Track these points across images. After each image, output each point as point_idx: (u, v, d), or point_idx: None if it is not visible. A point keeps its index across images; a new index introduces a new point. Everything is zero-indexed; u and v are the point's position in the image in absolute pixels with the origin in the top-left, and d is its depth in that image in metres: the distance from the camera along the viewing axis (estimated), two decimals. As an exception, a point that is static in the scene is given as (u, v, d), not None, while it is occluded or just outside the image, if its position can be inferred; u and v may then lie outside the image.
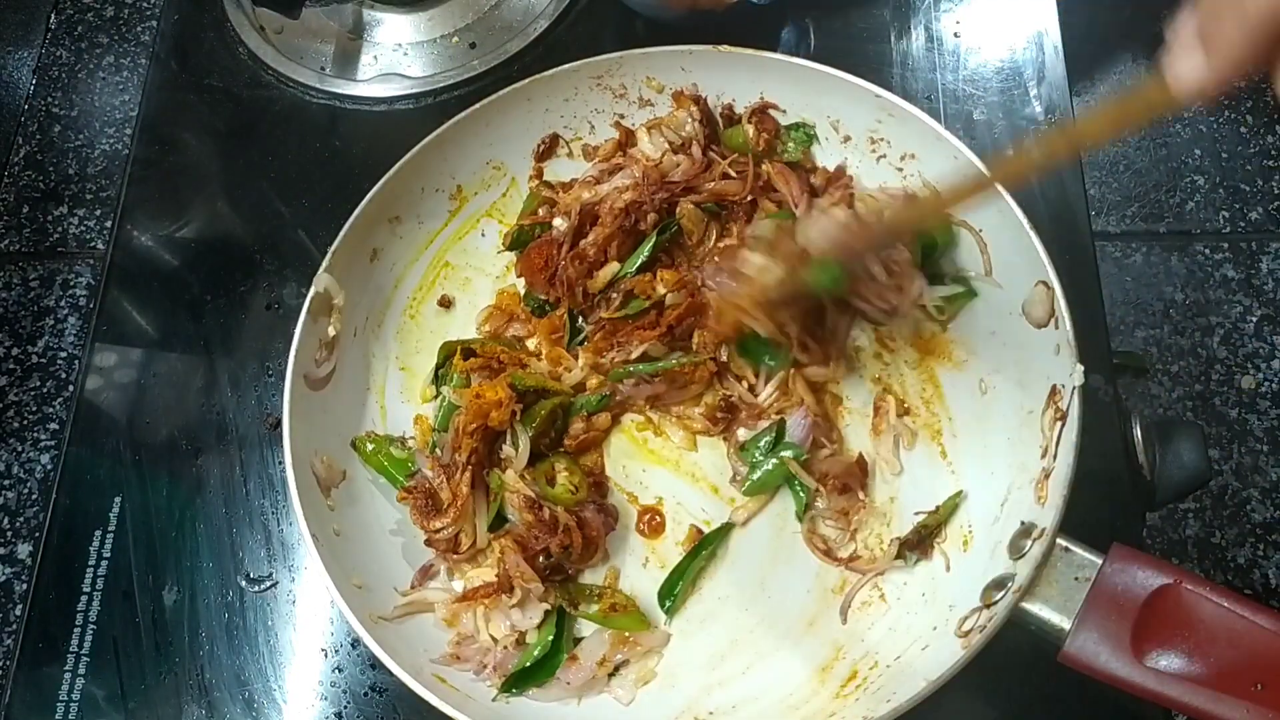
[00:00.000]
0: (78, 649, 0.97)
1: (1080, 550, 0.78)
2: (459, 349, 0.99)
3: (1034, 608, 0.77)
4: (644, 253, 0.99)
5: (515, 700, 0.88)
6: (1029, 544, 0.81)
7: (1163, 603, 0.75)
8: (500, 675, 0.88)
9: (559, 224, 1.02)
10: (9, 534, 1.12)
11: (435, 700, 0.82)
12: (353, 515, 0.95)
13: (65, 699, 0.95)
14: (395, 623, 0.90)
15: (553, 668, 0.88)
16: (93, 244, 1.25)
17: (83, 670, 0.96)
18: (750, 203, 1.01)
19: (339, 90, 1.22)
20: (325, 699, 0.94)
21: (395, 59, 1.25)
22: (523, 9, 1.25)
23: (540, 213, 1.06)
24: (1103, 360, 0.97)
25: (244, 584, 0.99)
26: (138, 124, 1.24)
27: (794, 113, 1.05)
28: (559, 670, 0.88)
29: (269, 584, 0.99)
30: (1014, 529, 0.84)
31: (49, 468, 1.13)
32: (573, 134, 1.10)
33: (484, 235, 1.10)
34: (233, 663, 0.96)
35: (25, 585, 1.05)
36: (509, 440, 0.93)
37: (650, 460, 0.99)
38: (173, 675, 0.96)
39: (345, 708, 0.93)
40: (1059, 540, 0.78)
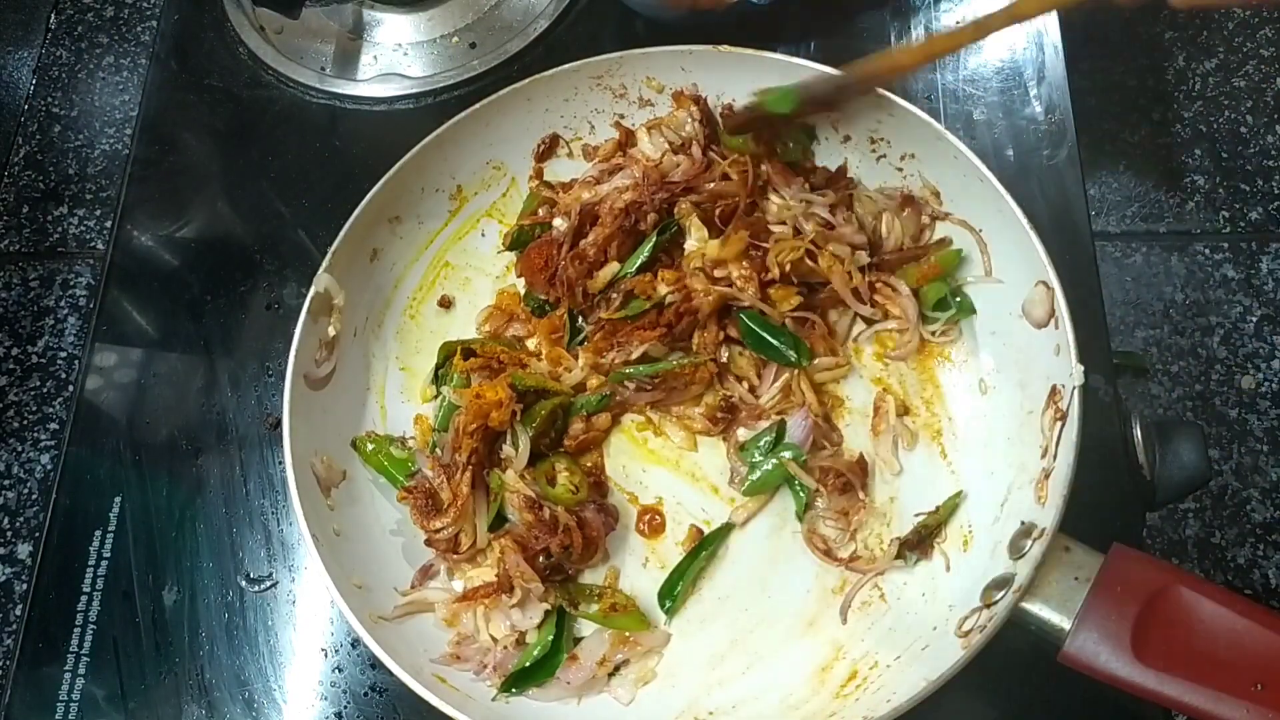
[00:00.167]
0: (78, 649, 0.97)
1: (1080, 550, 0.78)
2: (459, 349, 0.99)
3: (1034, 608, 0.77)
4: (644, 253, 0.99)
5: (515, 700, 0.88)
6: (1029, 544, 0.81)
7: (1163, 603, 0.75)
8: (500, 675, 0.88)
9: (559, 224, 1.02)
10: (9, 534, 1.12)
11: (435, 700, 0.82)
12: (353, 515, 0.95)
13: (65, 699, 0.95)
14: (395, 623, 0.90)
15: (553, 668, 0.88)
16: (93, 244, 1.25)
17: (83, 670, 0.96)
18: (750, 204, 1.01)
19: (339, 90, 1.22)
20: (325, 699, 0.94)
21: (395, 59, 1.25)
22: (523, 9, 1.25)
23: (540, 213, 1.05)
24: (1103, 360, 0.97)
25: (244, 584, 0.99)
26: (138, 124, 1.24)
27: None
28: (559, 670, 0.89)
29: (269, 584, 0.99)
30: (1014, 529, 0.84)
31: (49, 468, 1.13)
32: (573, 134, 1.10)
33: (484, 235, 1.10)
34: (233, 663, 0.96)
35: (25, 585, 1.05)
36: (509, 440, 0.93)
37: (650, 460, 0.99)
38: (173, 675, 0.96)
39: (345, 708, 0.93)
40: (1059, 540, 0.79)
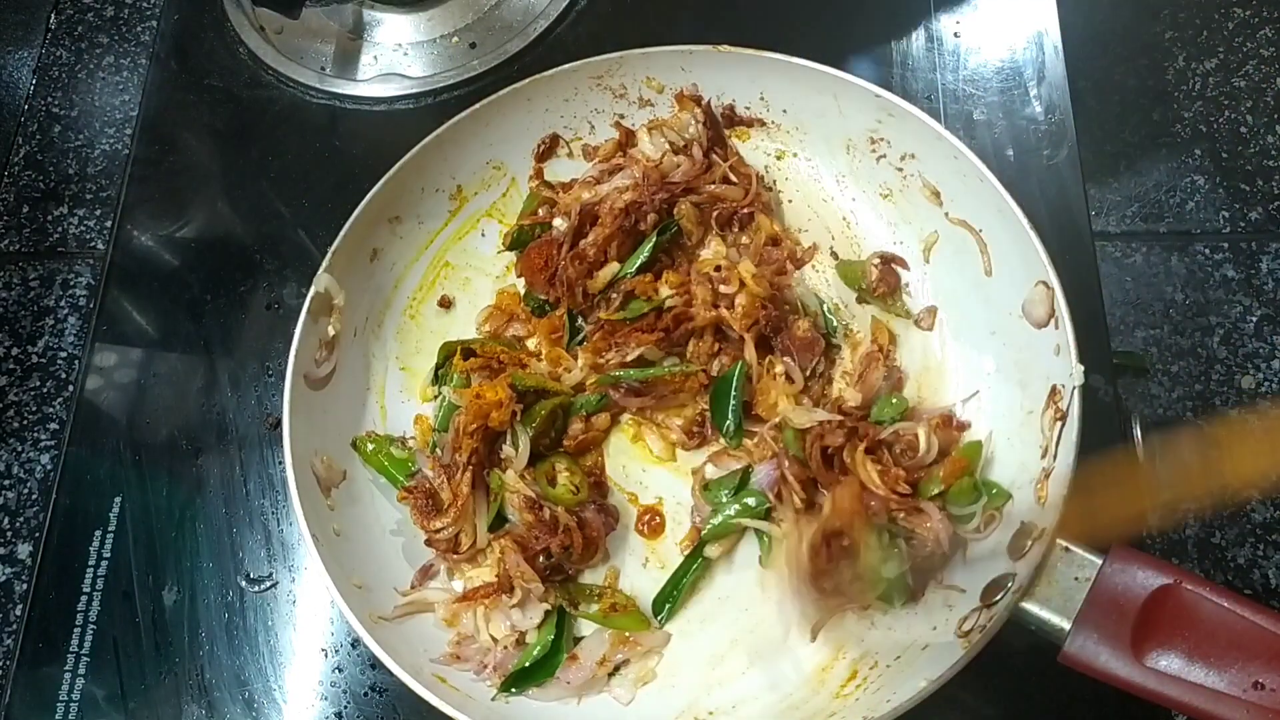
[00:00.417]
0: (78, 649, 0.97)
1: (1080, 550, 0.78)
2: (459, 349, 0.99)
3: (1034, 608, 0.77)
4: (644, 253, 0.99)
5: (515, 700, 0.88)
6: (1029, 544, 0.81)
7: (1163, 603, 0.75)
8: (500, 675, 0.88)
9: (559, 224, 1.02)
10: (9, 534, 1.11)
11: (435, 700, 0.82)
12: (353, 515, 0.95)
13: (65, 699, 0.95)
14: (395, 623, 0.90)
15: (553, 668, 0.88)
16: (93, 244, 1.25)
17: (83, 670, 0.96)
18: (749, 214, 1.01)
19: (339, 90, 1.22)
20: (325, 699, 0.94)
21: (395, 59, 1.25)
22: (523, 9, 1.25)
23: (540, 213, 1.05)
24: (1103, 360, 0.97)
25: (244, 584, 0.99)
26: (138, 124, 1.24)
27: (794, 113, 1.05)
28: (559, 670, 0.89)
29: (269, 584, 0.99)
30: (1014, 529, 0.84)
31: (49, 468, 1.13)
32: (573, 134, 1.10)
33: (484, 235, 1.10)
34: (233, 663, 0.96)
35: (25, 585, 1.05)
36: (509, 440, 0.93)
37: (650, 460, 0.99)
38: (173, 675, 0.96)
39: (345, 708, 0.93)
40: (1059, 540, 0.78)
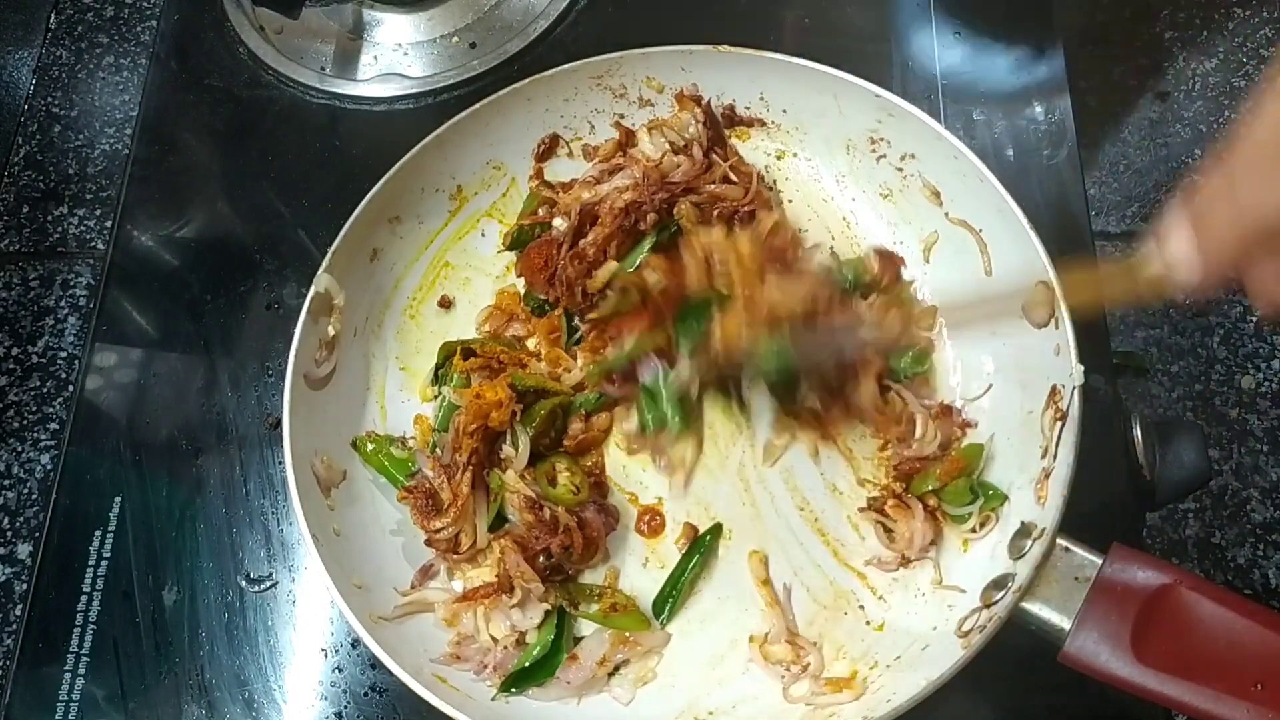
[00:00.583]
0: (78, 649, 0.97)
1: (1080, 550, 0.78)
2: (459, 349, 0.99)
3: (1034, 608, 0.77)
4: (643, 251, 0.99)
5: (515, 700, 0.88)
6: (1029, 544, 0.81)
7: (1163, 603, 0.75)
8: (500, 675, 0.88)
9: (559, 224, 1.01)
10: (9, 534, 1.11)
11: (435, 700, 0.82)
12: (353, 515, 0.95)
13: (65, 699, 0.95)
14: (395, 623, 0.90)
15: (553, 668, 0.88)
16: (93, 244, 1.25)
17: (83, 670, 0.96)
18: (749, 213, 1.01)
19: (339, 90, 1.22)
20: (325, 699, 0.94)
21: (395, 59, 1.25)
22: (523, 9, 1.25)
23: (540, 213, 1.05)
24: (1103, 360, 0.97)
25: (244, 584, 0.99)
26: (138, 124, 1.24)
27: (794, 113, 1.05)
28: (559, 670, 0.89)
29: (269, 584, 0.99)
30: (1014, 529, 0.85)
31: (49, 468, 1.13)
32: (573, 134, 1.10)
33: (484, 235, 1.10)
34: (233, 663, 0.96)
35: (25, 585, 1.05)
36: (509, 440, 0.93)
37: (650, 461, 0.99)
38: (173, 675, 0.96)
39: (345, 708, 0.93)
40: (1059, 540, 0.79)
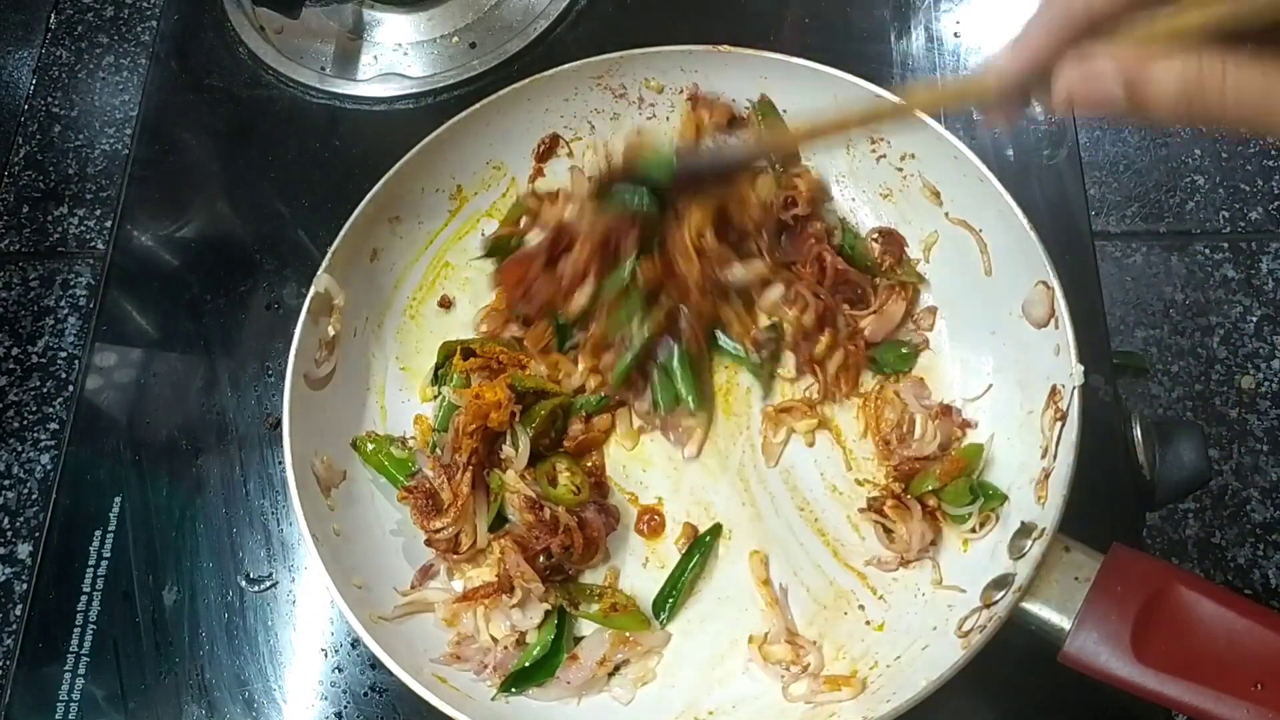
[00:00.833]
0: (78, 649, 0.97)
1: (1080, 550, 0.78)
2: (459, 349, 0.99)
3: (1034, 608, 0.77)
4: (623, 276, 0.93)
5: (515, 700, 0.88)
6: (1029, 544, 0.81)
7: (1163, 603, 0.75)
8: (500, 675, 0.88)
9: (532, 238, 0.97)
10: (9, 534, 1.11)
11: (435, 700, 0.82)
12: (353, 515, 0.95)
13: (65, 699, 0.95)
14: (395, 623, 0.90)
15: (553, 668, 0.88)
16: (93, 244, 1.25)
17: (83, 670, 0.96)
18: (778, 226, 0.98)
19: (339, 90, 1.22)
20: (325, 699, 0.94)
21: (395, 59, 1.25)
22: (523, 9, 1.25)
23: (522, 222, 1.02)
24: (1103, 360, 0.97)
25: (244, 584, 0.99)
26: (138, 124, 1.24)
27: (794, 113, 1.05)
28: (559, 669, 0.88)
29: (269, 584, 0.99)
30: (1014, 529, 0.85)
31: (49, 468, 1.13)
32: (573, 134, 1.10)
33: (484, 235, 1.09)
34: (233, 663, 0.96)
35: (25, 585, 1.05)
36: (509, 440, 0.93)
37: (650, 460, 0.99)
38: (173, 675, 0.96)
39: (345, 708, 0.93)
40: (1059, 540, 0.78)
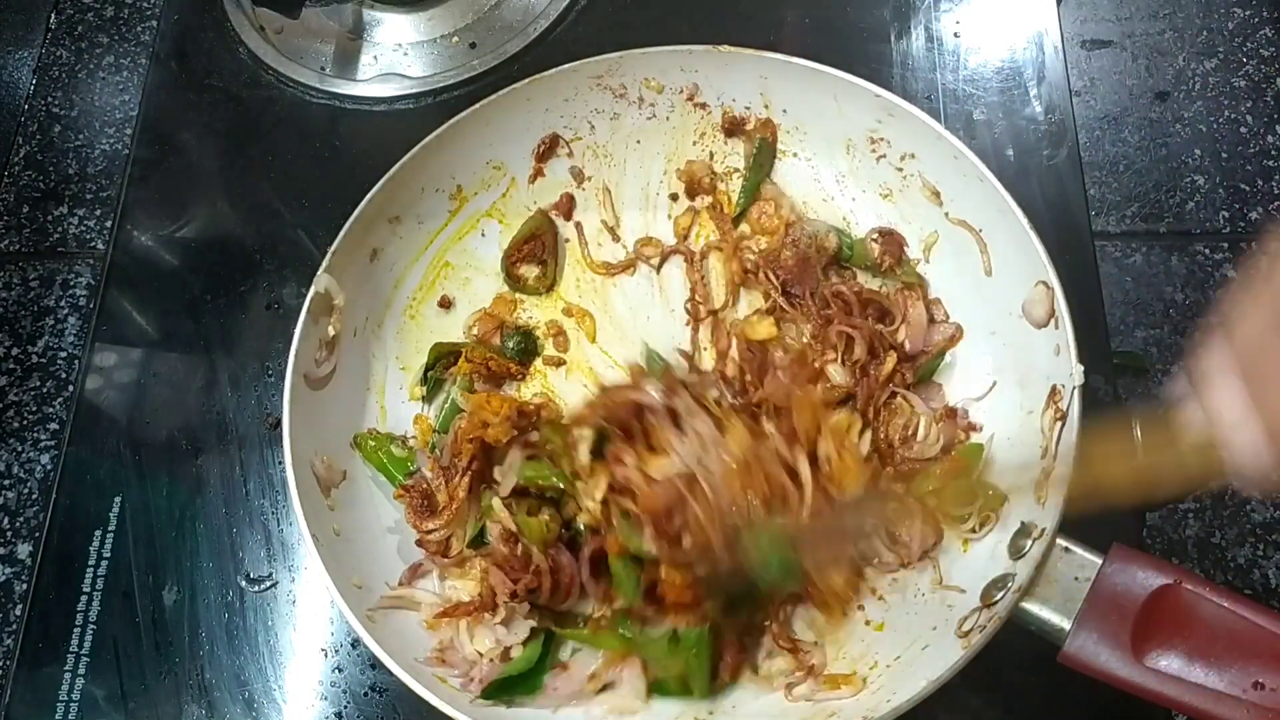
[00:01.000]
0: (78, 649, 0.97)
1: (1080, 550, 0.78)
2: (449, 352, 0.99)
3: (1034, 608, 0.77)
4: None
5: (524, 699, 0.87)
6: (1029, 544, 0.81)
7: (1163, 603, 0.75)
8: (484, 686, 0.86)
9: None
10: (9, 534, 1.11)
11: (436, 700, 0.81)
12: (353, 515, 0.95)
13: (65, 699, 0.95)
14: (395, 623, 0.90)
15: (534, 685, 0.86)
16: (93, 244, 1.25)
17: (83, 670, 0.96)
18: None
19: (339, 90, 1.22)
20: (325, 699, 0.94)
21: (395, 59, 1.25)
22: (523, 9, 1.25)
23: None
24: (1103, 360, 0.97)
25: (244, 584, 0.99)
26: (138, 124, 1.24)
27: (794, 113, 1.05)
28: (547, 677, 0.87)
29: (269, 584, 0.99)
30: (1014, 529, 0.84)
31: (49, 468, 1.13)
32: (573, 134, 1.10)
33: (484, 235, 1.09)
34: (233, 663, 0.96)
35: (25, 585, 1.05)
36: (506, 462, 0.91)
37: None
38: (173, 675, 0.96)
39: (345, 708, 0.93)
40: (1059, 540, 0.78)
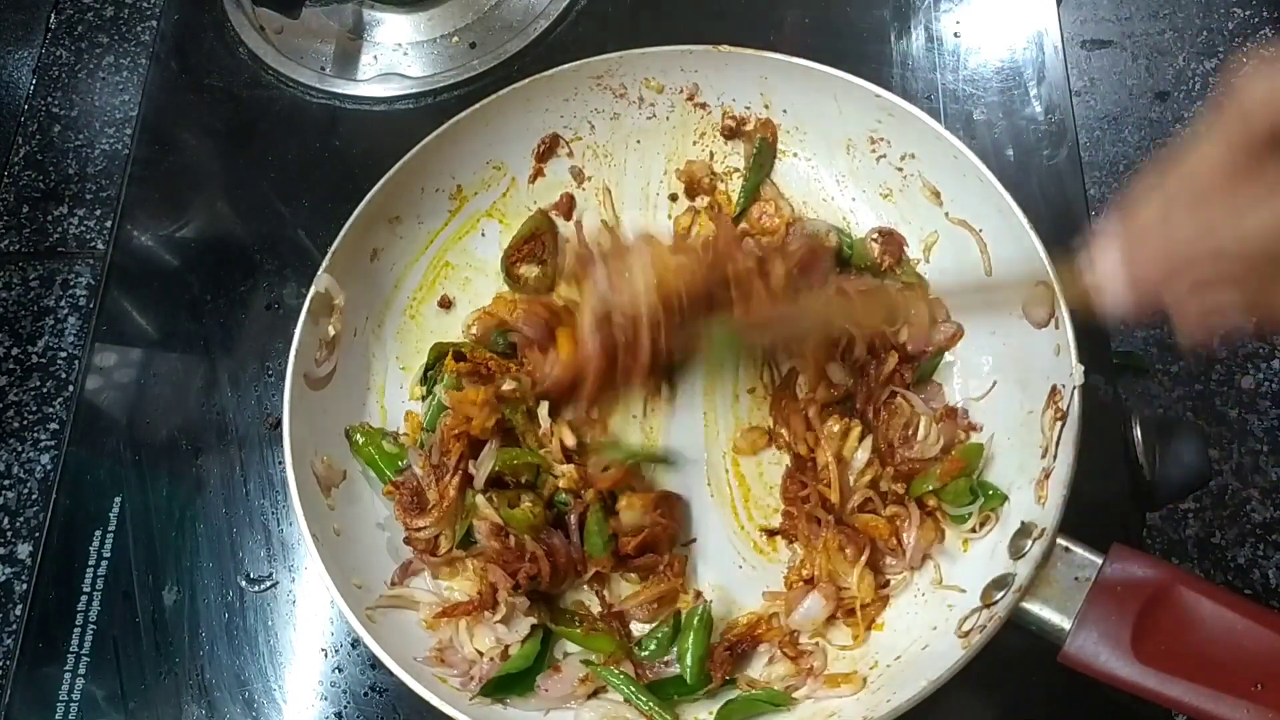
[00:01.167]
0: (78, 649, 0.97)
1: (1080, 550, 0.78)
2: (450, 351, 0.99)
3: (1034, 608, 0.77)
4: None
5: (514, 701, 0.87)
6: (1029, 544, 0.81)
7: (1163, 603, 0.75)
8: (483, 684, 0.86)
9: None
10: (9, 534, 1.11)
11: (436, 700, 0.81)
12: (352, 515, 0.95)
13: (65, 699, 0.95)
14: (394, 622, 0.90)
15: (527, 686, 0.86)
16: (93, 244, 1.25)
17: (83, 670, 0.96)
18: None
19: (339, 90, 1.22)
20: (325, 699, 0.94)
21: (395, 59, 1.25)
22: (523, 9, 1.25)
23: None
24: (1103, 360, 0.97)
25: (244, 584, 0.99)
26: (138, 124, 1.24)
27: (794, 113, 1.05)
28: (539, 678, 0.87)
29: (269, 584, 0.99)
30: (1014, 529, 0.85)
31: (49, 468, 1.13)
32: (573, 134, 1.10)
33: (484, 235, 1.10)
34: (233, 663, 0.96)
35: (25, 585, 1.05)
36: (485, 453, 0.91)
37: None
38: (173, 675, 0.96)
39: (345, 708, 0.93)
40: (1059, 540, 0.78)
